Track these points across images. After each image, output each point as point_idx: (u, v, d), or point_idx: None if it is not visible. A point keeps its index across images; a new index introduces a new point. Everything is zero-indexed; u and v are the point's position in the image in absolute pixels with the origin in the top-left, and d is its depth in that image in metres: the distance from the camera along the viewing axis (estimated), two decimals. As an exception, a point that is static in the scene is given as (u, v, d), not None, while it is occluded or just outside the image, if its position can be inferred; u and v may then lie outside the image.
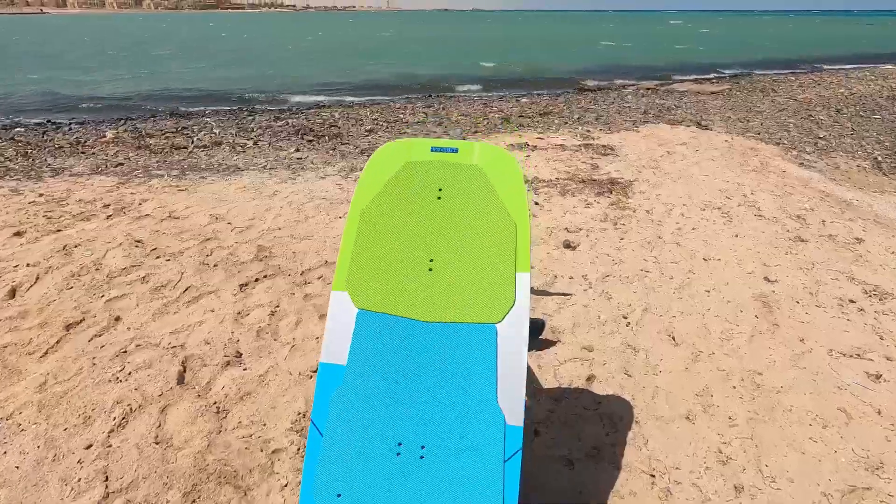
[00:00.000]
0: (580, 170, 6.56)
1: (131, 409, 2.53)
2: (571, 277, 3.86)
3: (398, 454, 1.54)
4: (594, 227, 4.76)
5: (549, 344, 3.07)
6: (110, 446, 2.32)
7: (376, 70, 20.99)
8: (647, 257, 4.19)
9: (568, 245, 4.38)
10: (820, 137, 9.27)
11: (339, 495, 1.52)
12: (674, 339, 3.15)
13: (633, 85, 16.34)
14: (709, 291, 3.68)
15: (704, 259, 4.16)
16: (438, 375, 1.57)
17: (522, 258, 1.59)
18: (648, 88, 15.24)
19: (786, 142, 8.83)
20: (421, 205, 1.68)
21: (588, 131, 9.14)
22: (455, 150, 1.73)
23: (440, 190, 1.69)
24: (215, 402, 2.59)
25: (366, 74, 19.70)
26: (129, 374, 2.78)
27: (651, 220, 4.98)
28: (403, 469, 1.52)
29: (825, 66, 21.24)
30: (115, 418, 2.46)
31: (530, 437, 2.37)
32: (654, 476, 2.21)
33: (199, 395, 2.63)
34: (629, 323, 3.29)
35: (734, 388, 2.74)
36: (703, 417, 2.54)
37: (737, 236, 4.58)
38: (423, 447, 1.54)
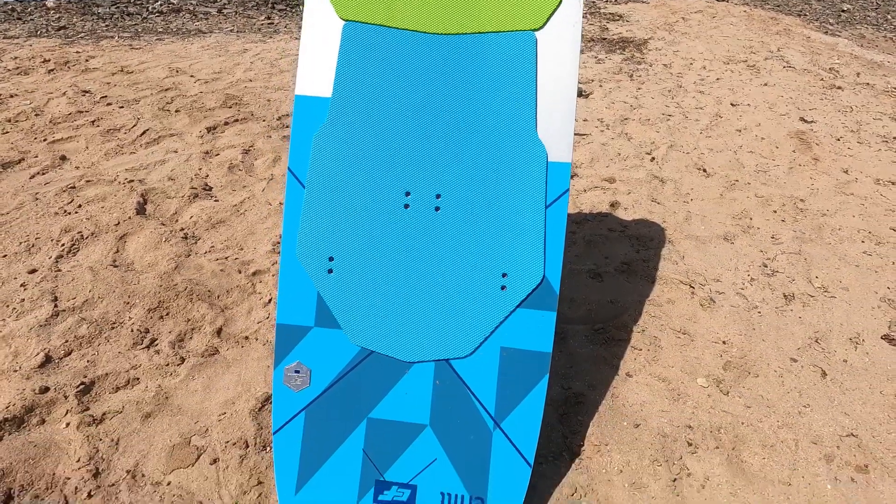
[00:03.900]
0: (588, 31, 5.87)
1: (82, 236, 2.15)
2: (586, 120, 3.43)
3: (406, 206, 1.18)
4: (608, 79, 4.24)
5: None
6: (59, 271, 1.96)
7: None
8: (669, 104, 3.74)
9: (580, 93, 3.89)
10: (843, 10, 8.51)
11: (331, 258, 1.18)
12: (705, 171, 2.80)
13: (639, -34, 14.82)
14: (740, 131, 3.29)
15: (732, 104, 3.73)
16: (457, 104, 1.17)
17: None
18: (656, -31, 13.83)
19: (807, 14, 8.09)
20: None
21: (592, 1, 8.23)
22: None
23: None
24: (183, 229, 2.22)
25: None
26: (80, 206, 2.37)
27: (670, 73, 4.46)
28: (414, 224, 1.18)
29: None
30: (63, 245, 2.09)
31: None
32: (693, 287, 1.94)
33: (162, 224, 2.25)
34: (654, 158, 2.92)
35: (775, 212, 2.44)
36: (743, 237, 2.25)
37: (766, 85, 4.12)
38: (438, 196, 1.18)
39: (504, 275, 1.15)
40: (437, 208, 1.17)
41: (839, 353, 1.68)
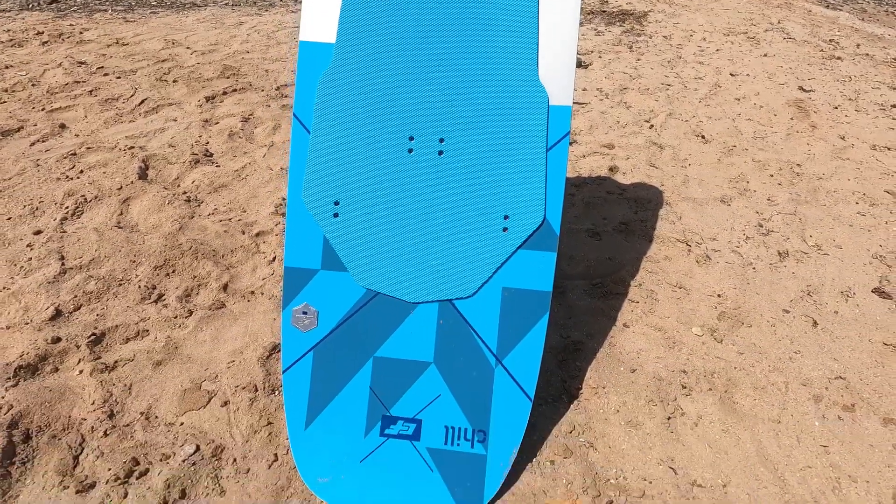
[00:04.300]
0: (587, 4, 5.81)
1: (86, 199, 2.16)
2: (585, 89, 3.43)
3: (410, 150, 1.21)
4: (607, 50, 4.22)
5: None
6: (64, 232, 1.98)
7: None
8: (668, 74, 3.73)
9: (579, 64, 3.88)
10: (846, -15, 8.44)
11: (336, 203, 1.21)
12: (703, 137, 2.81)
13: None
14: (738, 100, 3.29)
15: (732, 74, 3.72)
16: (459, 47, 1.19)
17: None
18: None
19: (809, -12, 8.01)
20: None
21: (593, -23, 8.11)
22: None
23: None
24: (185, 193, 2.24)
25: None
26: (82, 172, 2.38)
27: (670, 44, 4.43)
28: (417, 168, 1.20)
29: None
30: (67, 208, 2.11)
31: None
32: (689, 245, 1.98)
33: (165, 188, 2.26)
34: (652, 126, 2.93)
35: (772, 176, 2.46)
36: (739, 199, 2.28)
37: (766, 55, 4.11)
38: (441, 140, 1.20)
39: (506, 217, 1.18)
40: (440, 152, 1.20)
41: (830, 305, 1.72)
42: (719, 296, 1.74)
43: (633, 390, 1.41)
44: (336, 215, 1.20)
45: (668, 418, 1.34)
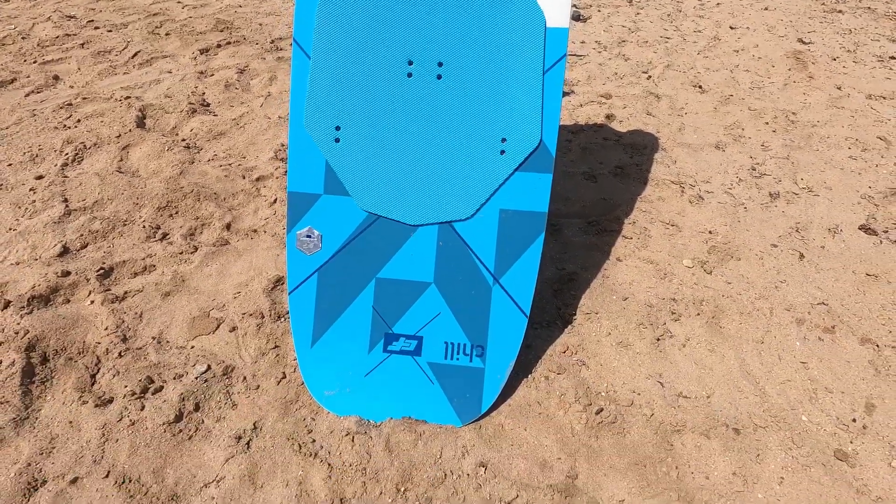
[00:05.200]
0: (588, -41, 5.67)
1: (85, 146, 2.17)
2: (583, 42, 3.39)
3: (409, 75, 1.22)
4: (606, 4, 4.15)
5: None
6: (66, 177, 2.00)
7: None
8: (668, 27, 3.69)
9: (577, 17, 3.82)
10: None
11: (337, 128, 1.24)
12: (700, 87, 2.81)
13: None
14: (737, 52, 3.27)
15: (731, 27, 3.68)
16: (457, -29, 1.19)
17: None
18: None
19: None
20: None
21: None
22: None
23: None
24: (184, 140, 2.25)
25: None
26: (79, 121, 2.38)
27: (670, -1, 4.36)
28: (416, 92, 1.22)
29: None
30: (67, 155, 2.12)
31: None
32: (683, 187, 2.01)
33: (164, 136, 2.27)
34: (650, 77, 2.92)
35: (767, 123, 2.48)
36: (734, 145, 2.30)
37: (766, 9, 4.05)
38: (440, 64, 1.22)
39: (503, 139, 1.21)
40: (438, 76, 1.21)
41: (818, 240, 1.77)
42: (710, 232, 1.79)
43: (624, 315, 1.47)
44: (337, 140, 1.23)
45: (658, 340, 1.41)
